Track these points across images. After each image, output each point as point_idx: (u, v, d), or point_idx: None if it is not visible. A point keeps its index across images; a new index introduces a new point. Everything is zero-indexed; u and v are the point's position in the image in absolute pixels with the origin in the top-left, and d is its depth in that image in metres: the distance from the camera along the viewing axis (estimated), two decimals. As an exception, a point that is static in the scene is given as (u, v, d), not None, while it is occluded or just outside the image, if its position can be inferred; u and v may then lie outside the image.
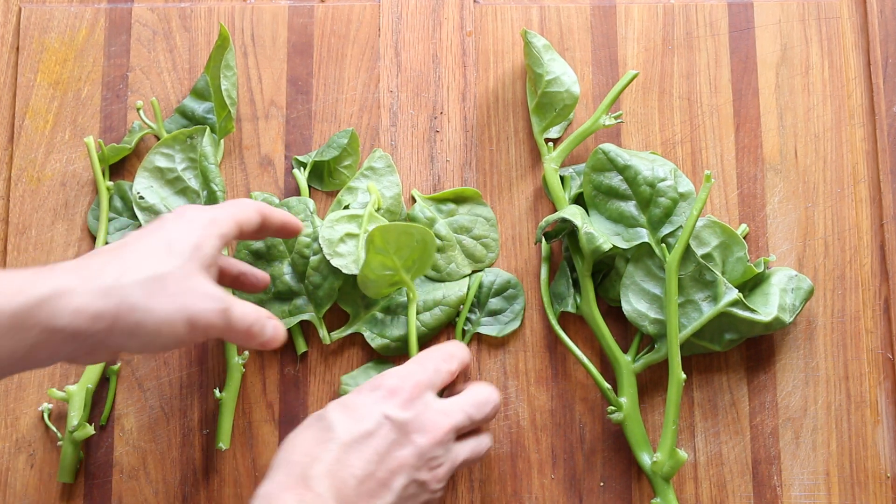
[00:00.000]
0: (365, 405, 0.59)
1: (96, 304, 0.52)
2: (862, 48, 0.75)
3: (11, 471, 0.69)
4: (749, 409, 0.70)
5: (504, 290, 0.71)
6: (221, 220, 0.59)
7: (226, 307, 0.55)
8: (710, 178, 0.64)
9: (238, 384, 0.70)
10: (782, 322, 0.67)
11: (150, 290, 0.53)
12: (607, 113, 0.70)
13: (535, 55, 0.70)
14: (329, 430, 0.58)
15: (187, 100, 0.74)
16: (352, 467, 0.56)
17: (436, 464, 0.59)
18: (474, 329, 0.71)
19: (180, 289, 0.54)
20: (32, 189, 0.73)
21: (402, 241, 0.65)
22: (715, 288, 0.66)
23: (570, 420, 0.70)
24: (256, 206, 0.62)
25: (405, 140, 0.74)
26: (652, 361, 0.68)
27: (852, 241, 0.72)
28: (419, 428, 0.59)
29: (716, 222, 0.67)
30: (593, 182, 0.69)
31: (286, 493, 0.55)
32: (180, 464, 0.70)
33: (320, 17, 0.76)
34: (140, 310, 0.53)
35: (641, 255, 0.67)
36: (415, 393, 0.60)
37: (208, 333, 0.55)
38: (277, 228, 0.64)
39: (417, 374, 0.62)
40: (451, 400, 0.62)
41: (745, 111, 0.74)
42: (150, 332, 0.53)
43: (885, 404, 0.70)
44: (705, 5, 0.76)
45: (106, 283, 0.53)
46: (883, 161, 0.73)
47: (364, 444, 0.58)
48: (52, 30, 0.75)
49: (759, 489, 0.69)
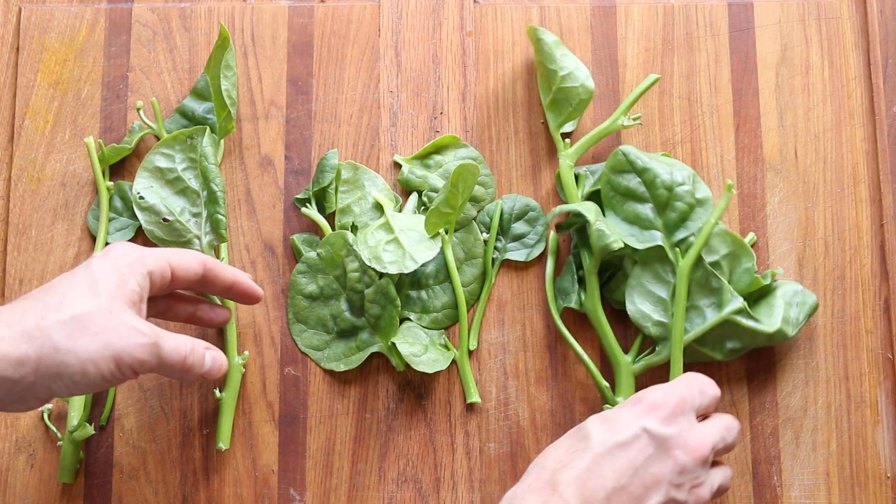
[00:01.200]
0: (625, 418, 0.58)
1: (19, 349, 0.52)
2: (862, 48, 0.75)
3: (11, 471, 0.69)
4: (749, 409, 0.70)
5: (524, 213, 0.72)
6: (150, 259, 0.58)
7: (154, 341, 0.55)
8: (731, 189, 0.64)
9: (238, 384, 0.70)
10: (785, 335, 0.67)
11: (73, 330, 0.53)
12: (626, 114, 0.70)
13: (546, 51, 0.70)
14: (585, 439, 0.57)
15: (187, 100, 0.74)
16: (603, 478, 0.55)
17: (697, 482, 0.58)
18: (502, 256, 0.72)
19: (103, 327, 0.54)
20: (32, 189, 0.73)
21: (469, 181, 0.67)
22: (720, 295, 0.66)
23: (570, 420, 0.70)
24: (200, 257, 0.61)
25: (405, 140, 0.74)
26: (652, 364, 0.68)
27: (852, 241, 0.72)
28: (681, 444, 0.57)
29: (727, 231, 0.67)
30: (611, 182, 0.68)
31: (532, 495, 0.55)
32: (180, 464, 0.70)
33: (320, 17, 0.76)
34: (62, 351, 0.52)
35: (650, 257, 0.67)
36: (678, 409, 0.59)
37: (140, 370, 0.55)
38: (227, 286, 0.63)
39: (682, 391, 0.60)
40: (708, 422, 0.60)
41: (745, 111, 0.74)
42: (75, 372, 0.53)
43: (885, 404, 0.70)
44: (705, 5, 0.76)
45: (27, 328, 0.52)
46: (883, 161, 0.73)
47: (618, 456, 0.56)
48: (52, 30, 0.75)
49: (759, 489, 0.69)
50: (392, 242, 0.69)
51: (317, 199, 0.72)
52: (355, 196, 0.73)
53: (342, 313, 0.71)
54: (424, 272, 0.71)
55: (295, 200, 0.73)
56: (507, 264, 0.72)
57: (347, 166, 0.73)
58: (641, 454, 0.56)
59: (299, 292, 0.71)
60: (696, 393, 0.60)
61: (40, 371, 0.52)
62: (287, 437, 0.70)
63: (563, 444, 0.58)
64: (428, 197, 0.72)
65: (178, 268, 0.60)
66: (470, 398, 0.70)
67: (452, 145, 0.73)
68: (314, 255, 0.71)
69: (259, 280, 0.72)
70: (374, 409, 0.70)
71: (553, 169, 0.73)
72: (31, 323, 0.53)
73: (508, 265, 0.72)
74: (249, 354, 0.71)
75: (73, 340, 0.53)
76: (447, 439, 0.70)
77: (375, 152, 0.74)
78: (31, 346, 0.52)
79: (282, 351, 0.71)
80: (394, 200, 0.72)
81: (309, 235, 0.72)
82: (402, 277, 0.71)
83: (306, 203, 0.72)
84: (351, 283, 0.70)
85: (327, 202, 0.72)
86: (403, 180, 0.73)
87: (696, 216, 0.67)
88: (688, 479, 0.57)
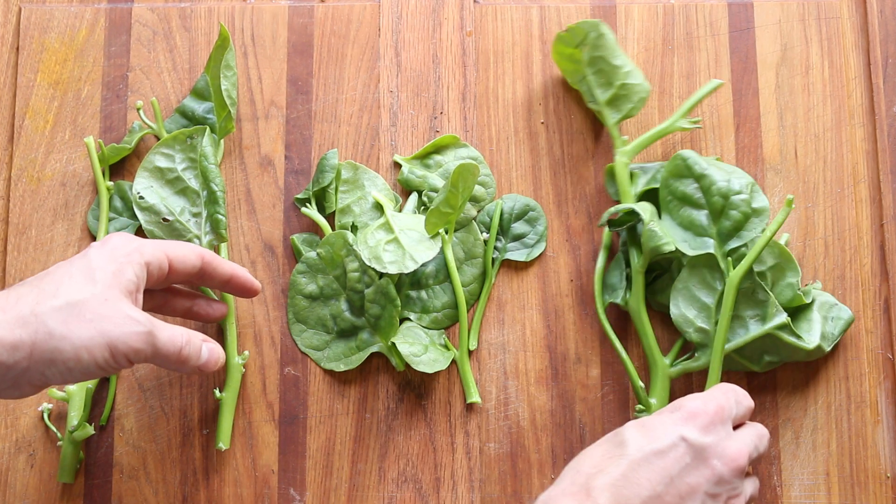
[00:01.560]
0: (663, 425, 0.57)
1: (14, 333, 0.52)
2: (862, 48, 0.75)
3: (12, 471, 0.69)
4: (749, 409, 0.70)
5: (524, 213, 0.72)
6: (147, 250, 0.58)
7: (150, 330, 0.55)
8: (790, 203, 0.63)
9: (238, 384, 0.70)
10: (822, 351, 0.67)
11: (67, 316, 0.53)
12: (686, 117, 0.70)
13: (610, 47, 0.70)
14: (621, 445, 0.57)
15: (187, 100, 0.74)
16: (638, 486, 0.55)
17: (734, 493, 0.57)
18: (502, 256, 0.72)
19: (98, 314, 0.54)
20: (32, 189, 0.73)
21: (469, 181, 0.67)
22: (766, 308, 0.66)
23: (570, 420, 0.70)
24: (198, 250, 0.61)
25: (405, 140, 0.74)
26: (690, 369, 0.68)
27: (852, 241, 0.72)
28: (719, 454, 0.57)
29: (776, 243, 0.66)
30: (669, 186, 0.68)
31: (566, 499, 0.54)
32: (180, 464, 0.70)
33: (320, 17, 0.76)
34: (57, 337, 0.52)
35: (699, 263, 0.67)
36: (717, 418, 0.58)
37: (134, 359, 0.55)
38: (225, 280, 0.63)
39: (720, 400, 0.59)
40: (742, 431, 0.60)
41: (745, 111, 0.74)
42: (69, 359, 0.53)
43: (885, 404, 0.70)
44: (705, 5, 0.76)
45: (22, 313, 0.53)
46: (883, 161, 0.73)
47: (654, 463, 0.55)
48: (52, 30, 0.75)
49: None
50: (392, 242, 0.69)
51: (317, 199, 0.72)
52: (355, 196, 0.73)
53: (342, 313, 0.71)
54: (424, 272, 0.71)
55: (295, 200, 0.73)
56: (507, 264, 0.72)
57: (347, 166, 0.73)
58: (678, 463, 0.56)
59: (299, 292, 0.71)
60: (732, 403, 0.60)
61: (34, 356, 0.52)
62: (287, 437, 0.70)
63: (599, 448, 0.58)
64: (428, 197, 0.72)
65: (175, 260, 0.60)
66: (470, 398, 0.70)
67: (452, 145, 0.73)
68: (314, 255, 0.71)
69: (259, 280, 0.72)
70: (374, 409, 0.70)
71: (553, 169, 0.73)
72: (26, 308, 0.53)
73: (508, 265, 0.72)
74: (249, 354, 0.71)
75: (68, 326, 0.53)
76: (447, 439, 0.70)
77: (375, 152, 0.74)
78: (25, 331, 0.52)
79: (282, 351, 0.71)
80: (394, 200, 0.72)
81: (309, 235, 0.72)
82: (402, 277, 0.71)
83: (306, 203, 0.72)
84: (351, 283, 0.70)
85: (327, 202, 0.72)
86: (403, 180, 0.73)
87: (751, 226, 0.66)
88: (725, 489, 0.56)
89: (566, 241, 0.73)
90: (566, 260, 0.72)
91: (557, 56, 0.72)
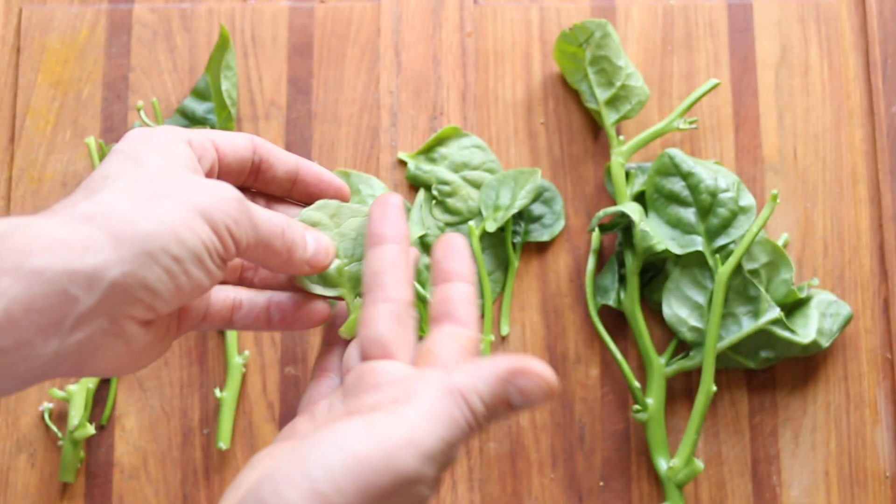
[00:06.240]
0: None
1: (77, 231, 0.39)
2: (861, 49, 0.75)
3: (12, 470, 0.70)
4: (748, 409, 0.70)
5: (540, 194, 0.72)
6: (183, 132, 0.46)
7: (239, 196, 0.43)
8: (775, 198, 0.64)
9: (238, 384, 0.70)
10: (819, 346, 0.67)
11: (135, 197, 0.41)
12: (683, 117, 0.70)
13: (615, 47, 0.70)
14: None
15: (188, 100, 0.74)
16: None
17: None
18: (524, 239, 0.72)
19: (170, 186, 0.41)
20: (33, 189, 0.73)
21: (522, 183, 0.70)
22: (758, 304, 0.66)
23: (570, 420, 0.70)
24: (248, 136, 0.49)
25: (405, 140, 0.74)
26: (685, 368, 0.68)
27: (851, 241, 0.72)
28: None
29: (768, 240, 0.67)
30: (656, 185, 0.69)
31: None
32: (181, 463, 0.70)
33: (320, 17, 0.76)
34: (139, 219, 0.39)
35: (690, 262, 0.67)
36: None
37: (237, 233, 0.42)
38: (289, 174, 0.50)
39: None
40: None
41: (744, 111, 0.74)
42: (168, 243, 0.39)
43: (885, 404, 0.70)
44: (705, 6, 0.76)
45: (84, 212, 0.40)
46: (882, 161, 0.73)
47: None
48: (52, 30, 0.75)
49: (758, 489, 0.69)
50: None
51: None
52: (353, 201, 0.73)
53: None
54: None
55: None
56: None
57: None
58: None
59: None
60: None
61: (122, 254, 0.38)
62: (287, 436, 0.70)
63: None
64: (439, 190, 0.72)
65: (222, 144, 0.47)
66: (470, 398, 0.70)
67: (455, 136, 0.73)
68: None
69: (259, 280, 0.72)
70: (374, 408, 0.70)
71: (552, 169, 0.74)
72: (86, 208, 0.40)
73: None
74: (249, 354, 0.71)
75: (144, 208, 0.40)
76: (447, 439, 0.70)
77: (375, 152, 0.74)
78: (92, 226, 0.38)
79: (282, 351, 0.71)
80: None
81: None
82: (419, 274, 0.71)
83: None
84: None
85: None
86: (412, 177, 0.73)
87: (739, 223, 0.67)
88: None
89: (566, 241, 0.73)
90: (566, 260, 0.72)
91: (559, 54, 0.72)
